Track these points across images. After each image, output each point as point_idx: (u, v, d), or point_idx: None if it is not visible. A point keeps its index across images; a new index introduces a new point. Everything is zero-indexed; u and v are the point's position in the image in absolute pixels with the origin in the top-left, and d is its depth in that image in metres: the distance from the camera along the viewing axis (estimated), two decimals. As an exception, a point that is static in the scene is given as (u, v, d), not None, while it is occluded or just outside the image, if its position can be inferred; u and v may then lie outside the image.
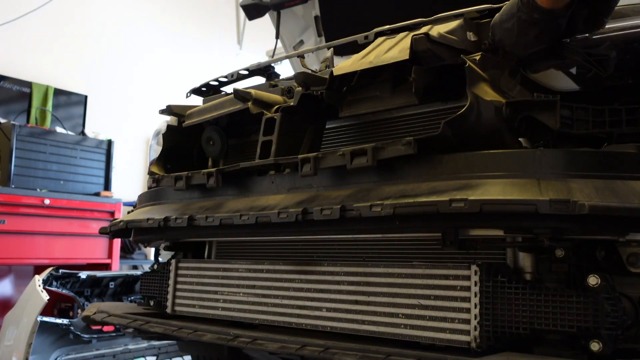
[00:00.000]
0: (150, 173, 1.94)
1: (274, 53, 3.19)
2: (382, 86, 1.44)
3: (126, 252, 5.92)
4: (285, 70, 2.55)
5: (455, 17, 1.38)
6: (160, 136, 2.04)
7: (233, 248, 1.88)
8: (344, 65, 1.40)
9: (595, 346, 1.06)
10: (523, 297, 1.12)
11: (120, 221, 1.82)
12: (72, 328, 2.72)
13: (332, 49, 1.75)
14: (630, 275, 1.16)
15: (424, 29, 1.33)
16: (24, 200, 4.47)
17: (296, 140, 1.55)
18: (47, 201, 4.59)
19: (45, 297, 2.54)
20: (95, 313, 1.88)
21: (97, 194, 5.12)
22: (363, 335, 1.32)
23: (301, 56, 1.85)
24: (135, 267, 5.95)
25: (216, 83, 2.06)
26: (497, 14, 1.26)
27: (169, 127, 2.00)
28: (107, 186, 5.24)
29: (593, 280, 1.08)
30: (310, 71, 1.56)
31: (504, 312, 1.13)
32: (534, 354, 1.16)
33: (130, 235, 1.90)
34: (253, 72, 2.01)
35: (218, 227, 1.49)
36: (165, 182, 1.75)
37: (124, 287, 3.23)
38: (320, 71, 1.63)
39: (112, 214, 5.03)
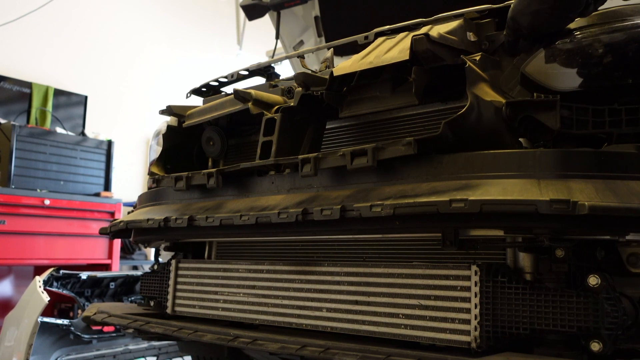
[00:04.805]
0: (151, 173, 1.94)
1: (274, 53, 3.19)
2: (382, 86, 1.44)
3: (126, 253, 5.91)
4: (285, 70, 2.56)
5: (455, 17, 1.38)
6: (161, 136, 2.04)
7: (233, 248, 1.88)
8: (344, 65, 1.40)
9: (595, 346, 1.06)
10: (523, 297, 1.12)
11: (121, 221, 1.82)
12: (72, 328, 2.71)
13: (332, 49, 1.75)
14: (631, 276, 1.16)
15: (424, 29, 1.33)
16: (24, 201, 4.47)
17: (296, 141, 1.55)
18: (47, 201, 4.59)
19: (46, 298, 2.54)
20: (95, 313, 1.89)
21: (97, 195, 5.11)
22: (363, 336, 1.32)
23: (301, 56, 1.85)
24: (135, 268, 5.94)
25: (216, 83, 2.06)
26: (510, 9, 1.24)
27: (169, 127, 2.01)
28: (107, 186, 5.24)
29: (593, 280, 1.08)
30: (310, 71, 1.56)
31: (504, 312, 1.13)
32: (534, 354, 1.16)
33: (130, 235, 1.90)
34: (253, 72, 2.01)
35: (218, 228, 1.49)
36: (165, 182, 1.75)
37: (124, 287, 3.23)
38: (320, 71, 1.63)
39: (112, 214, 5.03)
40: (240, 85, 1.79)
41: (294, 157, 1.40)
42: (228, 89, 2.03)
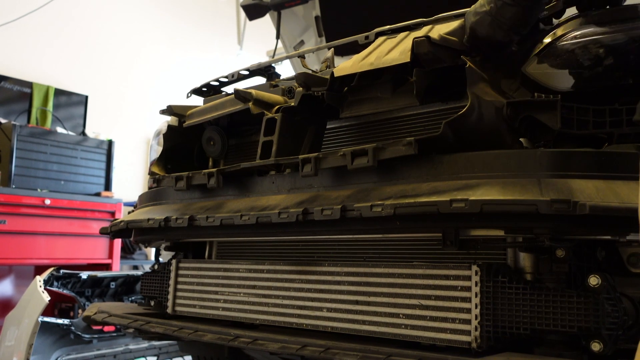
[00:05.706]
0: (151, 173, 1.94)
1: (274, 53, 3.19)
2: (382, 87, 1.44)
3: (127, 252, 5.92)
4: (285, 70, 2.56)
5: (456, 17, 1.38)
6: (161, 136, 2.04)
7: (234, 248, 1.88)
8: (344, 66, 1.40)
9: (596, 346, 1.06)
10: (524, 297, 1.12)
11: (121, 221, 1.82)
12: (72, 328, 2.71)
13: (332, 49, 1.75)
14: (631, 276, 1.16)
15: (424, 30, 1.33)
16: (24, 201, 4.47)
17: (297, 141, 1.55)
18: (47, 201, 4.59)
19: (47, 298, 2.54)
20: (95, 313, 1.89)
21: (98, 194, 5.12)
22: (364, 336, 1.32)
23: (302, 56, 1.85)
24: (135, 268, 5.95)
25: (217, 83, 2.06)
26: (471, 7, 1.27)
27: (169, 127, 2.00)
28: (107, 186, 5.24)
29: (594, 280, 1.08)
30: (311, 72, 1.57)
31: (504, 312, 1.13)
32: (534, 354, 1.16)
33: (130, 235, 1.90)
34: (254, 72, 2.01)
35: (219, 227, 1.49)
36: (165, 182, 1.76)
37: (125, 287, 3.23)
38: (320, 71, 1.63)
39: (112, 214, 5.03)
40: (241, 85, 1.79)
41: (295, 157, 1.40)
42: (228, 89, 2.03)
